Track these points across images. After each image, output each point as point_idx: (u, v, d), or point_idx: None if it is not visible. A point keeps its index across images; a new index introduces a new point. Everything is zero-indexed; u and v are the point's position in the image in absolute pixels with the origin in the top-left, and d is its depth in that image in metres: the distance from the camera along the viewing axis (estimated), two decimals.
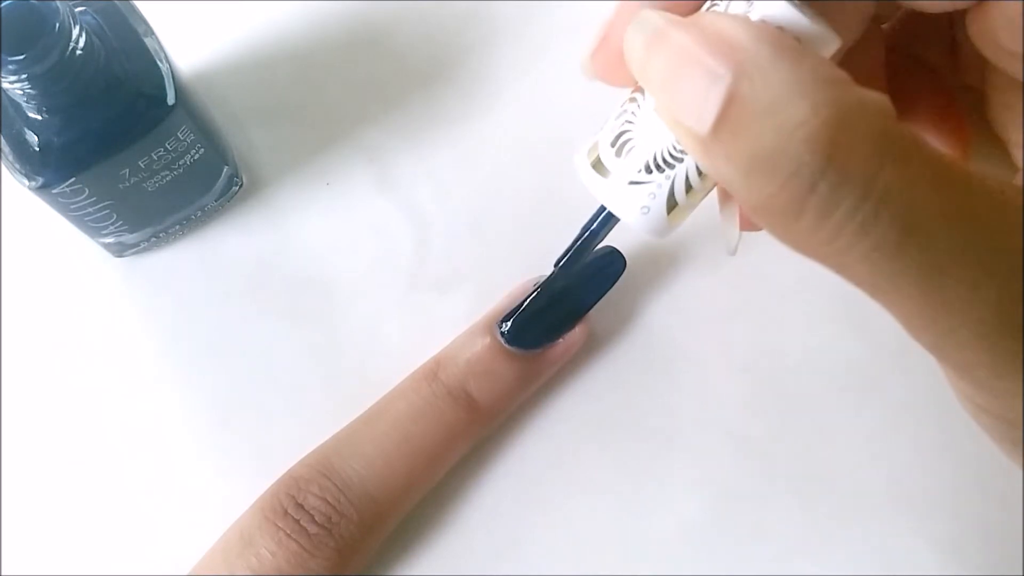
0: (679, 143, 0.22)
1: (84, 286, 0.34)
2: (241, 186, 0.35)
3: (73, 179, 0.29)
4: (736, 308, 0.34)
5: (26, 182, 0.29)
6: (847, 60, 0.24)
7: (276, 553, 0.28)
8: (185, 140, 0.30)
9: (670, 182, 0.22)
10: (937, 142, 0.26)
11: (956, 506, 0.31)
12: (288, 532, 0.28)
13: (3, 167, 0.29)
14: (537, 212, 0.35)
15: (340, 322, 0.34)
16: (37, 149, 0.29)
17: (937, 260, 0.18)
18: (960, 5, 0.21)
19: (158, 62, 0.30)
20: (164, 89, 0.29)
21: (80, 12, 0.28)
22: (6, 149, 0.29)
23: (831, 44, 0.20)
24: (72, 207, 0.30)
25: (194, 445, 0.33)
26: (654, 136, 0.22)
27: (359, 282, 0.34)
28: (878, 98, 0.18)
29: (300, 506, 0.29)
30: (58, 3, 0.26)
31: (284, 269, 0.34)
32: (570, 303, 0.32)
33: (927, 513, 0.32)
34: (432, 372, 0.31)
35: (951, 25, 0.26)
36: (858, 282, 0.19)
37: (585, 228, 0.27)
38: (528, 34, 0.37)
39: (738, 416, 0.33)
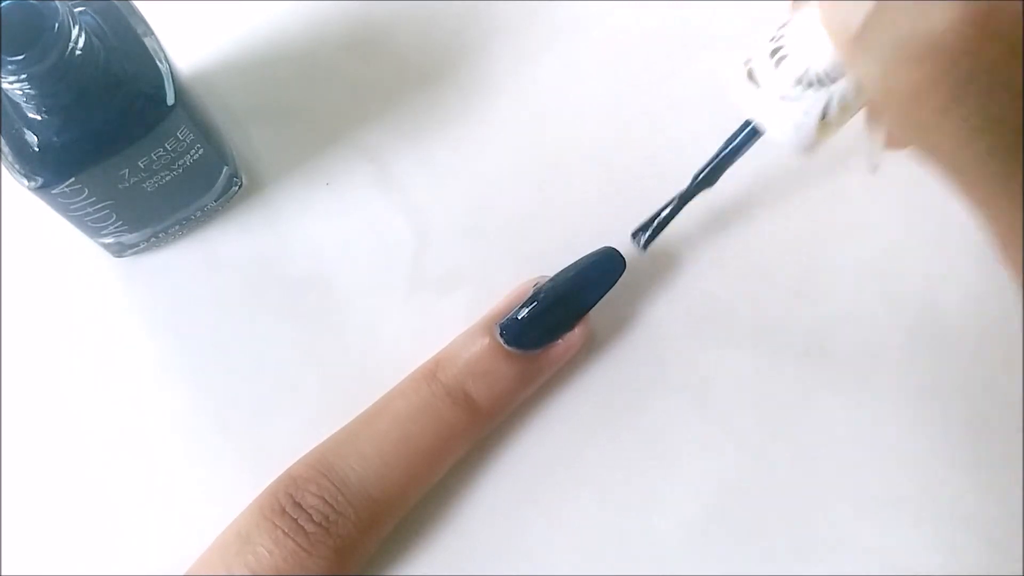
0: (838, 58, 0.22)
1: (84, 286, 0.34)
2: (241, 186, 0.35)
3: (73, 179, 0.29)
4: (736, 307, 0.34)
5: (26, 182, 0.29)
6: None
7: (274, 552, 0.28)
8: (185, 140, 0.31)
9: (826, 99, 0.22)
10: None
11: (956, 506, 0.31)
12: (286, 531, 0.28)
13: (3, 167, 0.29)
14: (537, 212, 0.35)
15: (340, 322, 0.34)
16: (37, 149, 0.29)
17: None
18: None
19: (158, 62, 0.30)
20: (164, 89, 0.30)
21: (80, 12, 0.28)
22: (6, 149, 0.29)
23: None
24: (72, 207, 0.30)
25: (193, 444, 0.33)
26: (814, 52, 0.22)
27: (359, 282, 0.34)
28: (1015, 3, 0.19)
29: (298, 505, 0.29)
30: (58, 3, 0.26)
31: (284, 269, 0.34)
32: (570, 303, 0.32)
33: (927, 513, 0.31)
34: (431, 372, 0.31)
35: None
36: (975, 181, 0.20)
37: (728, 142, 0.27)
38: (528, 34, 0.37)
39: (738, 416, 0.33)
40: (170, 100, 0.29)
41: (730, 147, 0.27)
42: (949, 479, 0.32)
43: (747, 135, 0.27)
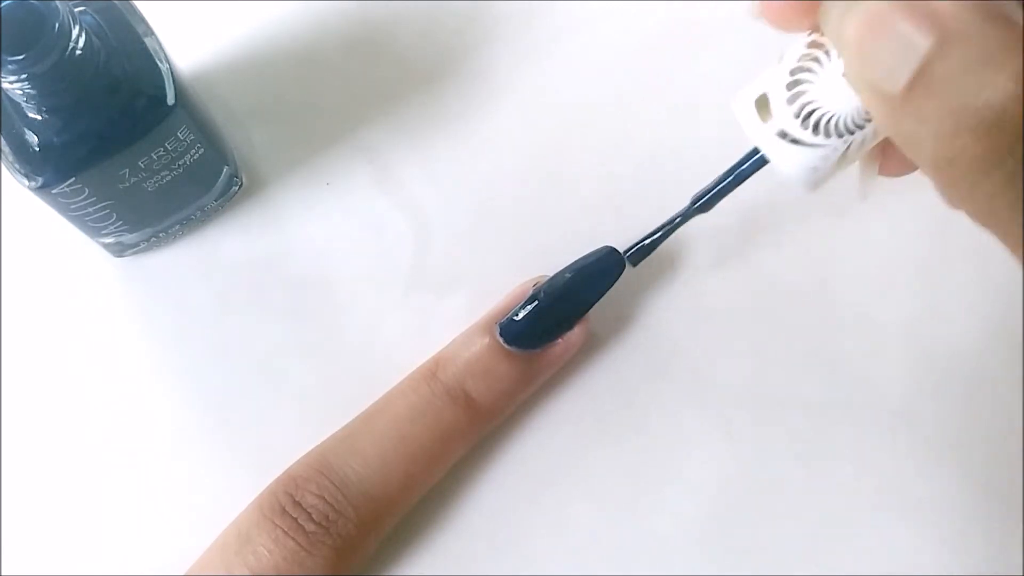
0: (864, 109, 0.22)
1: (84, 286, 0.34)
2: (241, 186, 0.35)
3: (73, 179, 0.29)
4: (736, 308, 0.34)
5: (26, 182, 0.29)
6: None
7: (273, 551, 0.28)
8: (185, 140, 0.31)
9: (846, 146, 0.22)
10: None
11: (956, 506, 0.31)
12: (285, 530, 0.28)
13: (3, 167, 0.29)
14: (537, 212, 0.35)
15: (340, 322, 0.34)
16: (37, 149, 0.29)
17: None
18: None
19: (158, 62, 0.30)
20: (164, 89, 0.30)
21: (80, 12, 0.28)
22: (6, 149, 0.29)
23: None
24: (72, 207, 0.30)
25: (193, 445, 0.33)
26: (839, 101, 0.22)
27: (359, 282, 0.34)
28: None
29: (298, 504, 0.29)
30: (58, 3, 0.26)
31: (284, 269, 0.34)
32: (570, 303, 0.32)
33: (927, 513, 0.31)
34: (431, 372, 0.31)
35: None
36: None
37: (733, 169, 0.27)
38: (528, 34, 0.37)
39: (738, 416, 0.33)
40: (170, 100, 0.29)
41: (735, 174, 0.27)
42: (949, 479, 0.32)
43: (754, 164, 0.26)
